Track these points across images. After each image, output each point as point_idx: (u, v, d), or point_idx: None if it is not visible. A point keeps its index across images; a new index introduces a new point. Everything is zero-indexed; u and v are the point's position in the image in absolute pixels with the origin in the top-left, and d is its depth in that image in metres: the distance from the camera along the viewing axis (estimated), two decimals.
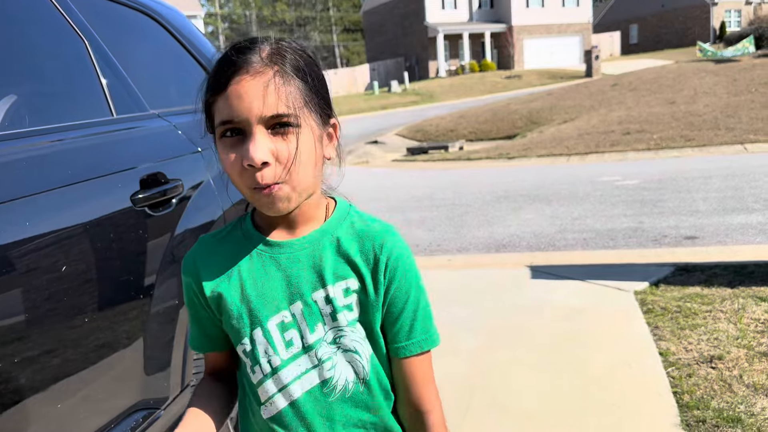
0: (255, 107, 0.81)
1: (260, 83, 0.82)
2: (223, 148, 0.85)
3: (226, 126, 0.83)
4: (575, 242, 5.42)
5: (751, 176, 7.66)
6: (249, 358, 0.93)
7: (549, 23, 43.89)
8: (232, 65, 0.83)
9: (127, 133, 1.79)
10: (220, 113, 0.83)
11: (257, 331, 0.92)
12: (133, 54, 2.08)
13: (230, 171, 0.85)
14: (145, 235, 1.69)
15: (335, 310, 0.92)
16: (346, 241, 0.94)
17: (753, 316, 3.19)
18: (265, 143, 0.82)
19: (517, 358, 3.04)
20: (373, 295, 0.93)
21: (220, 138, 0.85)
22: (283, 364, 0.92)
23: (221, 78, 0.83)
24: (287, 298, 0.92)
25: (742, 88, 16.18)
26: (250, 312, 0.92)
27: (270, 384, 0.92)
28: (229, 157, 0.84)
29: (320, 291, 0.92)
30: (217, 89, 0.83)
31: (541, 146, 12.78)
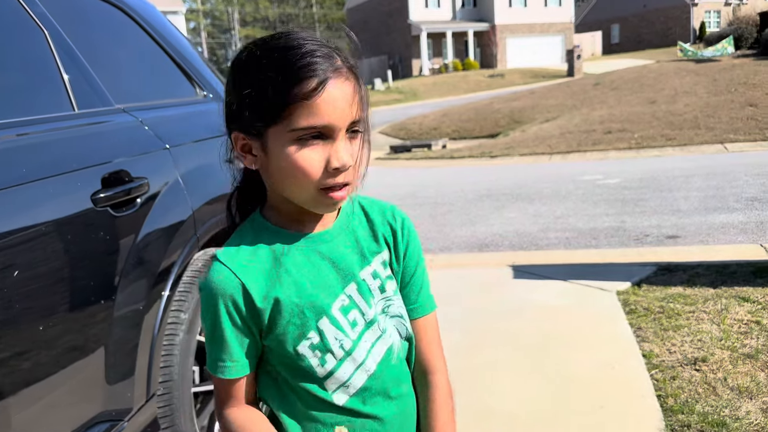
0: (347, 113, 0.85)
1: (350, 89, 0.86)
2: (299, 150, 0.85)
3: (311, 131, 0.84)
4: (558, 241, 5.38)
5: (732, 175, 7.69)
6: (318, 350, 0.94)
7: (531, 22, 44.03)
8: (322, 72, 0.83)
9: (88, 128, 1.70)
10: (305, 117, 0.83)
11: (323, 320, 0.94)
12: (98, 46, 1.98)
13: (306, 170, 0.85)
14: (107, 237, 1.60)
15: (382, 282, 0.99)
16: (368, 220, 1.02)
17: (736, 317, 3.16)
18: (348, 147, 0.87)
19: (500, 359, 2.98)
20: (396, 262, 1.03)
21: (295, 140, 0.85)
22: (354, 343, 0.95)
23: (310, 83, 0.82)
24: (340, 283, 0.95)
25: (722, 88, 16.32)
26: (312, 305, 0.93)
27: (347, 366, 0.95)
28: (311, 159, 0.85)
29: (366, 268, 0.98)
30: (304, 95, 0.82)
31: (523, 145, 12.78)
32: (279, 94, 0.83)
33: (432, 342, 1.06)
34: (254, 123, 0.86)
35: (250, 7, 68.97)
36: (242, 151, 0.90)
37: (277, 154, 0.86)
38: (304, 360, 0.94)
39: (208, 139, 2.15)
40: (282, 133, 0.85)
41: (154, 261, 1.77)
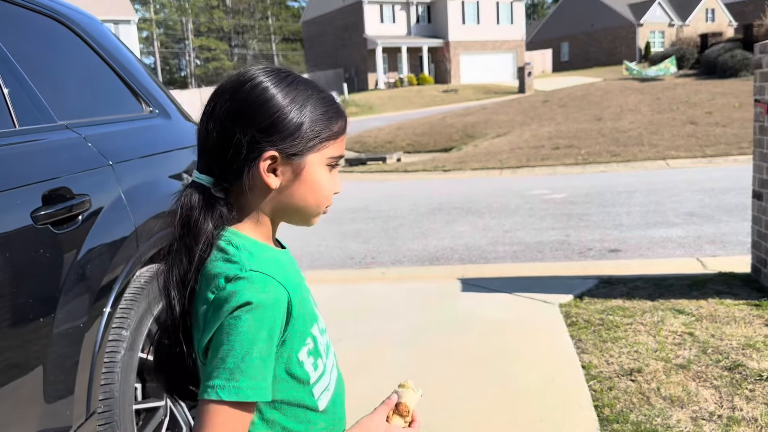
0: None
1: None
2: (326, 175, 0.99)
3: (337, 159, 1.00)
4: (505, 254, 5.50)
5: (673, 191, 8.01)
6: (312, 355, 0.98)
7: (484, 40, 44.90)
8: (344, 114, 1.01)
9: (29, 145, 1.68)
10: (338, 149, 1.00)
11: (315, 327, 1.00)
12: (41, 62, 1.97)
13: (327, 192, 1.00)
14: (47, 254, 1.59)
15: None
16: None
17: (671, 329, 3.30)
18: None
19: (445, 373, 3.03)
20: None
21: (327, 166, 0.99)
22: (327, 348, 1.05)
23: (342, 122, 1.00)
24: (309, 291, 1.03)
25: (665, 106, 16.97)
26: (310, 313, 1.00)
27: (328, 369, 1.03)
28: (331, 183, 1.00)
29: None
30: (340, 131, 0.99)
31: (475, 159, 13.01)
32: (328, 126, 0.97)
33: None
34: (298, 149, 0.95)
35: (204, 17, 68.24)
36: (268, 173, 0.95)
37: (312, 176, 0.97)
38: (302, 366, 0.96)
39: (154, 155, 2.15)
40: (320, 158, 0.98)
41: (96, 277, 1.76)
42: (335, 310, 3.99)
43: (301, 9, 68.89)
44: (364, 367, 3.10)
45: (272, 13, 73.15)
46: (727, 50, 23.89)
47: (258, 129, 0.92)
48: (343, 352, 3.12)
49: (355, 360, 3.15)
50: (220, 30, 69.52)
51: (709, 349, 3.01)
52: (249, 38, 71.34)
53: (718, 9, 50.60)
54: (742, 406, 2.48)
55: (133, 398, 1.86)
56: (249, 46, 70.81)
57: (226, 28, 69.62)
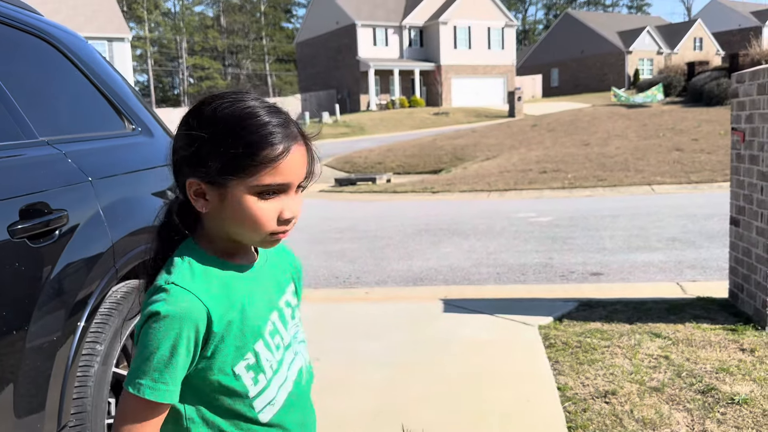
0: (300, 174, 1.01)
1: (302, 155, 1.01)
2: (258, 201, 0.98)
3: (273, 187, 0.97)
4: (489, 276, 5.54)
5: (656, 216, 8.10)
6: (252, 370, 1.03)
7: (475, 64, 45.42)
8: (286, 140, 0.98)
9: (8, 160, 1.71)
10: (270, 176, 0.96)
11: (259, 343, 1.04)
12: (23, 78, 2.00)
13: (261, 219, 0.98)
14: (23, 268, 1.61)
15: (293, 311, 1.14)
16: (278, 257, 1.15)
17: (647, 352, 3.34)
18: (298, 200, 1.02)
19: (424, 394, 3.05)
20: (299, 293, 1.19)
21: (255, 193, 0.97)
22: (279, 364, 1.08)
23: (276, 149, 0.96)
24: (268, 310, 1.07)
25: (651, 132, 17.20)
26: (252, 328, 1.03)
27: (274, 384, 1.06)
28: (267, 209, 0.98)
29: (282, 298, 1.12)
30: (271, 158, 0.96)
31: (464, 182, 13.10)
32: (250, 155, 0.95)
33: None
34: (218, 175, 0.97)
35: (198, 36, 68.65)
36: (195, 196, 0.99)
37: (237, 203, 0.98)
38: (239, 379, 1.02)
39: (134, 173, 2.18)
40: (244, 186, 0.97)
41: (71, 292, 1.78)
42: (317, 329, 4.00)
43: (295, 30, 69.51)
44: (341, 384, 3.11)
45: (266, 34, 73.70)
46: (713, 78, 24.30)
47: (182, 156, 1.00)
48: (321, 370, 3.12)
49: (332, 378, 3.16)
50: (214, 49, 69.93)
51: (683, 373, 3.04)
52: (243, 58, 71.76)
53: (706, 38, 51.55)
54: (713, 429, 2.51)
55: (106, 413, 1.87)
56: (243, 66, 71.20)
57: (220, 48, 70.04)
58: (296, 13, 79.98)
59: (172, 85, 70.83)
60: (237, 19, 70.80)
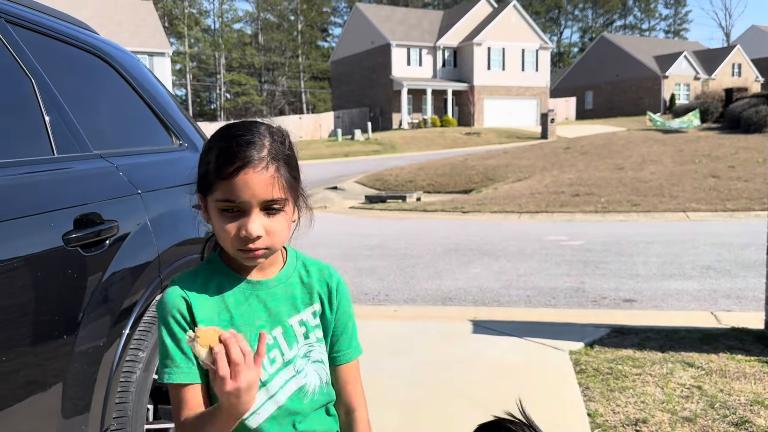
0: (258, 195, 1.03)
1: (263, 177, 1.03)
2: (221, 217, 1.06)
3: (228, 204, 1.04)
4: (519, 299, 5.52)
5: (691, 243, 7.98)
6: None
7: (509, 85, 45.42)
8: (240, 160, 1.02)
9: (65, 173, 1.80)
10: (224, 193, 1.04)
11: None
12: (82, 95, 2.10)
13: (224, 235, 1.06)
14: (75, 275, 1.68)
15: (308, 330, 1.17)
16: (307, 276, 1.19)
17: (680, 381, 3.30)
18: (260, 221, 1.05)
19: (452, 414, 3.06)
20: (329, 314, 1.20)
21: (220, 210, 1.05)
22: (270, 377, 1.11)
23: (229, 168, 1.02)
24: (269, 324, 1.12)
25: (687, 158, 16.96)
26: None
27: (260, 396, 1.09)
28: (227, 225, 1.05)
29: (295, 316, 1.16)
30: (224, 176, 1.03)
31: (494, 202, 13.07)
32: (212, 172, 1.05)
33: (356, 382, 1.25)
34: (202, 189, 1.09)
35: (236, 53, 70.00)
36: (203, 209, 1.12)
37: (212, 217, 1.09)
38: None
39: (180, 186, 2.26)
40: (212, 201, 1.07)
41: (118, 300, 1.85)
42: None
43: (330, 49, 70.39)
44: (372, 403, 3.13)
45: (302, 52, 74.81)
46: (751, 105, 23.90)
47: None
48: None
49: None
50: (251, 66, 71.17)
51: (716, 404, 3.00)
52: (278, 75, 72.85)
53: (745, 64, 50.77)
54: None
55: (145, 418, 1.93)
56: (278, 83, 72.27)
57: (257, 65, 71.26)
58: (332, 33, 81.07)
59: (209, 99, 72.22)
60: (274, 37, 72.03)
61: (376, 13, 46.37)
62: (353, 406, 1.24)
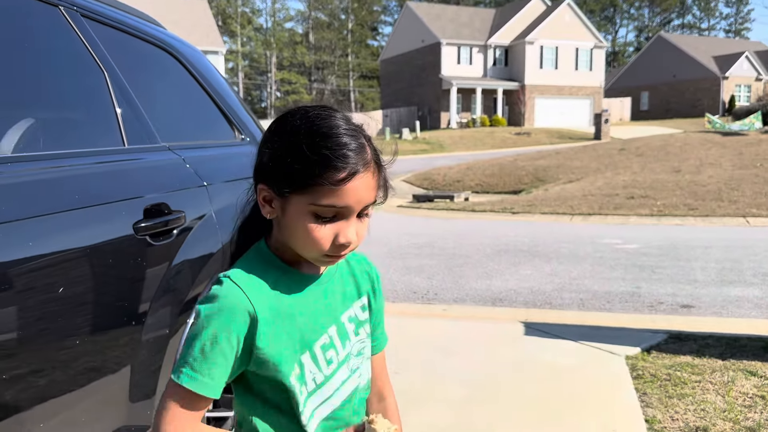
0: (362, 201, 0.98)
1: (368, 182, 0.98)
2: (312, 221, 0.96)
3: (331, 209, 0.96)
4: (571, 302, 5.42)
5: (751, 249, 7.69)
6: (298, 381, 1.03)
7: (561, 84, 44.66)
8: (352, 166, 0.94)
9: (136, 163, 1.86)
10: (327, 198, 0.94)
11: (305, 355, 1.04)
12: (150, 88, 2.16)
13: (311, 240, 0.97)
14: (144, 264, 1.73)
15: (357, 326, 1.13)
16: (351, 269, 1.15)
17: (742, 390, 3.18)
18: (355, 226, 0.99)
19: (503, 414, 3.03)
20: (375, 305, 1.18)
21: (313, 212, 0.96)
22: (326, 379, 1.07)
23: (340, 174, 0.94)
24: (325, 324, 1.07)
25: (748, 162, 16.35)
26: (300, 339, 1.03)
27: (316, 398, 1.05)
28: (321, 231, 0.97)
29: (346, 313, 1.11)
30: (333, 182, 0.94)
31: (545, 204, 12.87)
32: (312, 174, 0.94)
33: (385, 370, 1.25)
34: (282, 185, 0.97)
35: (287, 52, 70.94)
36: (264, 201, 1.01)
37: (295, 218, 0.97)
38: (287, 389, 1.02)
39: (242, 180, 2.30)
40: (304, 202, 0.96)
41: (183, 289, 1.90)
42: (394, 342, 4.03)
43: (380, 48, 70.56)
44: (420, 399, 3.13)
45: (352, 51, 75.29)
46: None
47: (259, 160, 1.02)
48: (400, 383, 3.16)
49: (411, 391, 3.19)
50: (301, 65, 72.02)
51: None
52: (328, 74, 73.52)
53: None
54: None
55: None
56: (327, 81, 72.93)
57: (307, 63, 72.08)
58: (382, 31, 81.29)
59: (260, 98, 73.37)
60: (325, 36, 72.72)
61: (426, 11, 46.22)
62: (385, 394, 1.23)
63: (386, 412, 1.21)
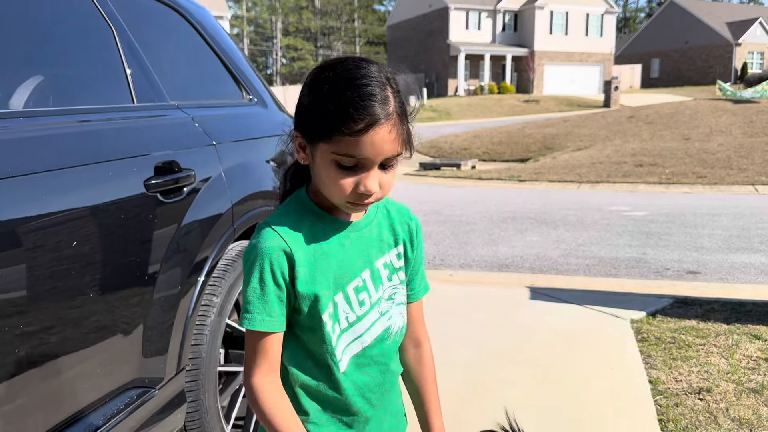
0: (383, 152, 1.00)
1: (393, 133, 1.00)
2: (335, 169, 1.01)
3: (350, 159, 0.99)
4: (578, 268, 5.44)
5: (759, 217, 7.67)
6: (331, 318, 1.10)
7: (571, 51, 44.05)
8: (370, 117, 0.97)
9: (145, 120, 1.86)
10: (347, 148, 0.98)
11: (339, 295, 1.10)
12: (158, 47, 2.15)
13: (335, 187, 1.02)
14: (155, 220, 1.75)
15: (391, 272, 1.17)
16: (389, 218, 1.19)
17: (746, 353, 3.21)
18: (377, 176, 1.02)
19: (510, 375, 3.07)
20: (411, 255, 1.21)
21: (335, 162, 1.00)
22: (358, 318, 1.13)
23: (358, 125, 0.97)
24: (359, 267, 1.12)
25: (758, 129, 16.19)
26: (335, 280, 1.09)
27: (347, 336, 1.12)
28: (343, 180, 1.01)
29: (381, 259, 1.16)
30: (351, 132, 0.97)
31: (552, 171, 12.82)
32: (333, 123, 0.98)
33: (422, 317, 1.29)
34: (311, 133, 1.03)
35: (293, 17, 70.05)
36: (299, 147, 1.07)
37: (320, 165, 1.03)
38: (321, 325, 1.08)
39: (250, 140, 2.30)
40: (327, 151, 1.00)
41: (194, 248, 1.91)
42: None
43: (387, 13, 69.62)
44: None
45: (359, 16, 74.30)
46: None
47: (296, 108, 1.06)
48: None
49: None
50: (307, 30, 71.17)
51: None
52: (334, 40, 72.69)
53: None
54: None
55: (217, 361, 2.01)
56: (334, 48, 72.14)
57: (313, 29, 71.22)
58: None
59: (265, 64, 72.74)
60: (331, 0, 71.68)
61: None
62: (421, 340, 1.27)
63: (421, 358, 1.26)
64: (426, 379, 1.27)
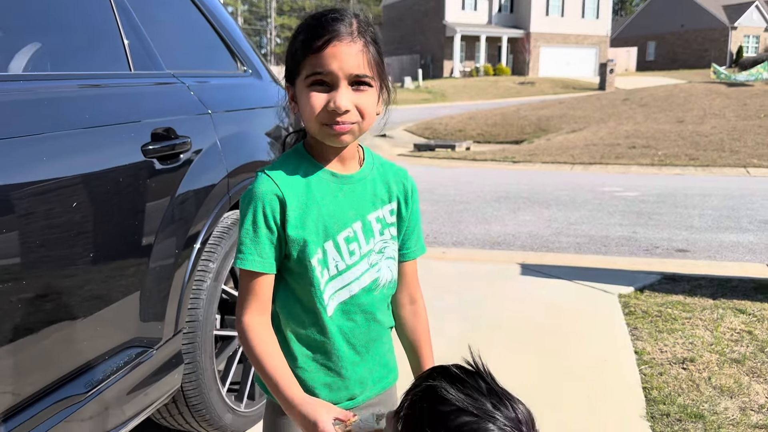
0: (346, 67, 1.06)
1: (352, 50, 1.06)
2: (309, 93, 1.08)
3: (317, 76, 1.06)
4: (569, 245, 5.51)
5: (749, 198, 7.75)
6: (320, 264, 1.15)
7: (567, 33, 43.87)
8: (329, 33, 1.05)
9: (142, 87, 1.89)
10: (312, 66, 1.06)
11: (329, 243, 1.15)
12: (154, 16, 2.17)
13: (310, 110, 1.08)
14: (152, 185, 1.79)
15: (383, 227, 1.22)
16: (384, 175, 1.23)
17: (730, 326, 3.29)
18: (348, 95, 1.07)
19: (500, 346, 3.14)
20: (405, 213, 1.26)
21: (309, 85, 1.08)
22: (348, 267, 1.18)
23: (318, 41, 1.06)
24: (351, 218, 1.17)
25: (752, 112, 16.24)
26: (324, 228, 1.14)
27: (336, 282, 1.17)
28: (315, 99, 1.07)
29: (373, 213, 1.20)
30: (314, 49, 1.06)
31: (546, 153, 12.86)
32: (302, 48, 1.08)
33: (416, 276, 1.34)
34: (291, 72, 1.12)
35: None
36: (291, 100, 1.14)
37: (300, 98, 1.10)
38: (309, 269, 1.14)
39: (246, 110, 2.34)
40: (301, 82, 1.09)
41: (190, 215, 1.95)
42: None
43: None
44: None
45: None
46: None
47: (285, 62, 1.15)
48: None
49: None
50: (301, 9, 70.39)
51: (767, 348, 2.99)
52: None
53: None
54: None
55: (213, 325, 2.06)
56: None
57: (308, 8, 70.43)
58: None
59: (260, 44, 72.03)
60: None
61: None
62: (416, 297, 1.33)
63: (416, 312, 1.32)
64: (420, 333, 1.32)
